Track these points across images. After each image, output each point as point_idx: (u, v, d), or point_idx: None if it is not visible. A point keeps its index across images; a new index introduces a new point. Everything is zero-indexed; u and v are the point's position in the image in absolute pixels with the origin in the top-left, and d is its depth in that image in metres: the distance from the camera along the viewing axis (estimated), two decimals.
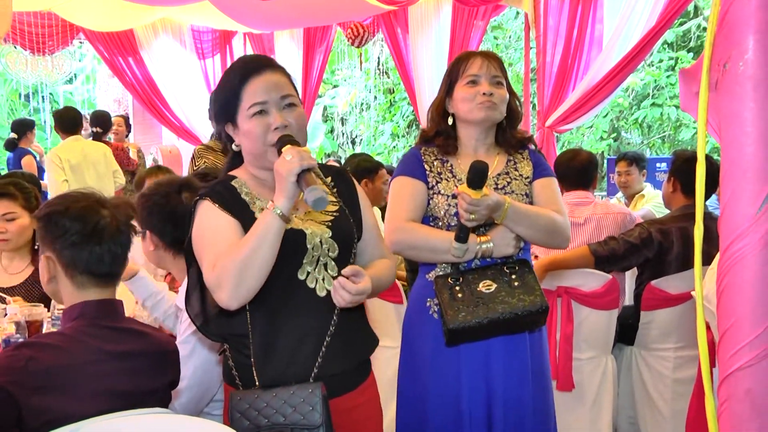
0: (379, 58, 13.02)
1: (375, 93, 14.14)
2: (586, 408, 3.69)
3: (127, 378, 1.88)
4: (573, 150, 4.44)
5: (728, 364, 1.06)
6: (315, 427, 1.76)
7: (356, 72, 13.75)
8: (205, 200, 1.87)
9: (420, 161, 2.46)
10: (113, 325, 1.92)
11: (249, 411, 1.79)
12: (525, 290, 2.27)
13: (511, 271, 2.31)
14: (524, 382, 2.37)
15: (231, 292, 1.74)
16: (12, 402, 1.71)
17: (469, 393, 2.35)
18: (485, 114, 2.38)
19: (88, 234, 1.87)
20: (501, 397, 2.35)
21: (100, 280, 1.92)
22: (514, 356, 2.36)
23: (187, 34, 9.47)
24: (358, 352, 1.98)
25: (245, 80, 1.87)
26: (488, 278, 2.30)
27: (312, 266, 1.88)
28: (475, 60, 2.43)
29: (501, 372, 2.35)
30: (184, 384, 2.26)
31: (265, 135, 1.84)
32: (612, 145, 12.19)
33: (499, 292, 2.27)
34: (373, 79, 13.79)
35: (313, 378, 1.84)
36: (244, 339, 1.87)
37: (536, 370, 2.41)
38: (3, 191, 3.23)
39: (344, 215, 1.96)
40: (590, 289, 3.62)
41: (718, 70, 1.09)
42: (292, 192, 1.72)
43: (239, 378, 1.89)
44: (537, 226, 2.34)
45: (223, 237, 1.81)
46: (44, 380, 1.75)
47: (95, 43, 9.13)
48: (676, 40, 11.60)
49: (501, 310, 2.24)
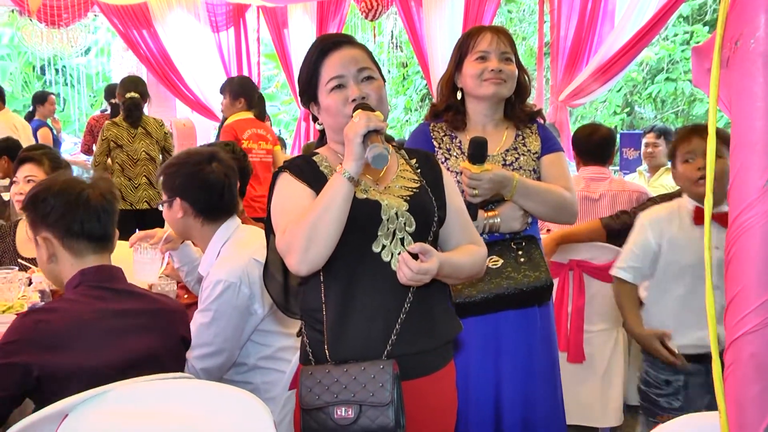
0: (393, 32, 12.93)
1: (388, 67, 14.06)
2: (596, 380, 3.72)
3: (134, 334, 1.98)
4: (592, 125, 4.41)
5: (734, 330, 1.10)
6: (383, 405, 1.69)
7: (370, 45, 13.71)
8: (284, 172, 1.87)
9: (429, 137, 2.46)
10: (113, 287, 2.03)
11: (318, 386, 1.73)
12: (531, 266, 2.29)
13: (518, 246, 2.33)
14: (533, 353, 2.41)
15: (300, 256, 1.71)
16: (23, 369, 1.81)
17: (477, 363, 2.38)
18: (493, 90, 2.39)
19: (74, 202, 1.98)
20: (510, 368, 2.38)
21: (96, 245, 2.03)
22: (523, 329, 2.39)
23: (201, 7, 9.43)
24: (436, 335, 1.89)
25: (323, 56, 1.87)
26: (495, 254, 2.31)
27: (388, 239, 1.83)
28: (485, 35, 2.42)
29: (511, 343, 2.38)
30: (206, 350, 2.34)
31: (344, 108, 1.83)
32: (625, 119, 12.08)
33: (506, 267, 2.29)
34: (386, 53, 13.71)
35: (386, 356, 1.78)
36: (317, 313, 1.84)
37: (544, 341, 2.45)
38: (29, 156, 3.32)
39: (424, 193, 1.92)
40: (602, 263, 3.62)
41: (730, 47, 1.11)
42: (359, 153, 1.70)
43: (312, 354, 1.84)
44: (546, 202, 2.35)
45: (298, 205, 1.79)
46: (54, 339, 1.84)
47: (110, 15, 9.13)
48: (691, 13, 11.41)
49: (506, 285, 2.26)
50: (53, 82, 13.52)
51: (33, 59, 13.93)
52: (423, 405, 1.82)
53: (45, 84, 14.12)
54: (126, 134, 5.87)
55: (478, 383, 2.38)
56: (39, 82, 14.56)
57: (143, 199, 5.89)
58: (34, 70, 14.62)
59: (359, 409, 1.70)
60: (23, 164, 3.29)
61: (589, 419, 3.74)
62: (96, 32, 13.31)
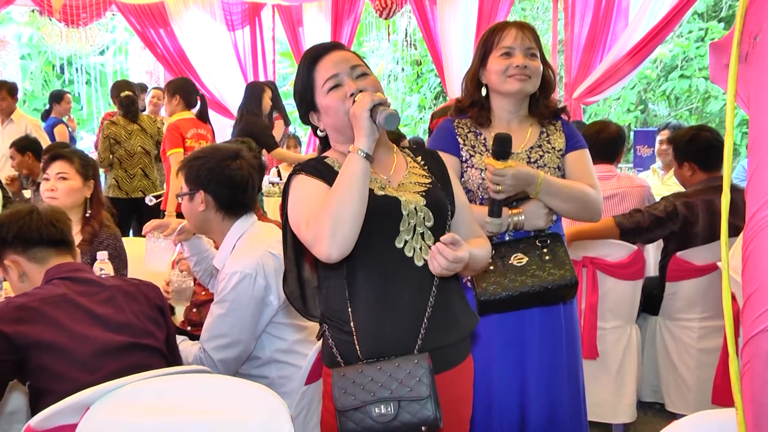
0: (407, 30, 12.94)
1: (402, 65, 14.07)
2: (610, 376, 3.70)
3: (108, 308, 2.12)
4: (602, 122, 4.36)
5: (752, 327, 1.08)
6: (422, 398, 1.70)
7: (384, 43, 13.70)
8: (298, 174, 1.85)
9: (453, 135, 2.42)
10: (77, 276, 2.19)
11: (353, 386, 1.72)
12: (555, 264, 2.26)
13: (543, 244, 2.29)
14: (559, 350, 2.39)
15: (329, 239, 1.67)
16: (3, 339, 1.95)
17: (502, 360, 2.36)
18: (519, 86, 2.34)
19: (26, 216, 2.24)
20: (536, 364, 2.36)
21: (57, 249, 2.26)
22: (549, 326, 2.37)
23: (217, 6, 9.46)
24: (460, 327, 1.90)
25: (315, 63, 1.87)
26: (520, 251, 2.29)
27: (409, 235, 1.82)
28: (510, 31, 2.37)
29: (536, 340, 2.36)
30: (223, 341, 2.35)
31: (343, 104, 1.81)
32: (639, 117, 12.00)
33: (530, 265, 2.26)
34: (400, 51, 13.72)
35: (417, 350, 1.77)
36: (342, 314, 1.82)
37: (569, 338, 2.42)
38: (61, 153, 3.35)
39: (436, 188, 1.92)
40: (615, 260, 3.62)
41: (749, 42, 1.09)
42: (369, 128, 1.70)
43: (341, 356, 1.82)
44: (571, 200, 2.32)
45: (316, 199, 1.77)
46: (22, 313, 2.01)
47: (127, 15, 9.17)
48: (706, 10, 11.31)
49: (531, 283, 2.23)
50: (72, 80, 13.59)
51: (53, 58, 14.00)
52: (447, 398, 1.81)
53: (64, 83, 14.21)
54: (123, 131, 6.34)
55: (502, 381, 2.36)
56: (58, 80, 14.65)
57: (138, 188, 6.34)
58: (54, 69, 14.69)
59: (398, 405, 1.70)
60: (54, 161, 3.30)
61: (602, 416, 3.72)
62: (114, 31, 13.38)
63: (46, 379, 2.00)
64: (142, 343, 2.12)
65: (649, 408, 4.00)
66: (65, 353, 2.00)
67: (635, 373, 3.75)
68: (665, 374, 3.86)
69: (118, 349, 2.06)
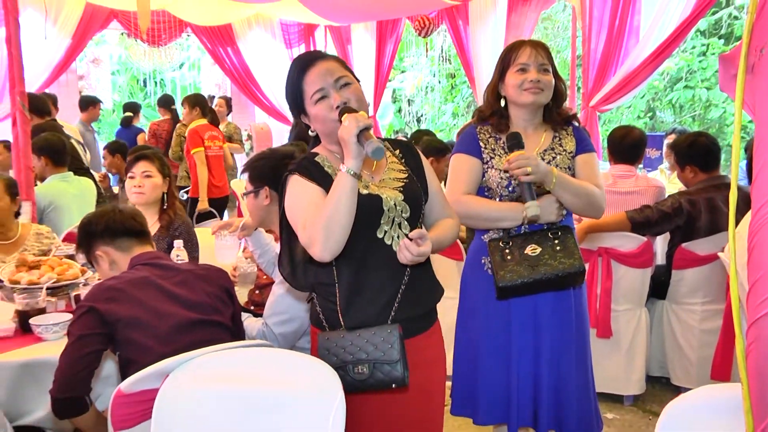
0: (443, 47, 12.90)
1: (438, 77, 14.03)
2: (621, 354, 3.69)
3: (183, 289, 2.15)
4: (626, 127, 4.27)
5: (756, 311, 1.05)
6: (393, 362, 1.79)
7: (422, 59, 13.67)
8: (294, 174, 1.89)
9: (476, 139, 2.42)
10: (156, 262, 2.24)
11: (336, 349, 1.82)
12: (565, 254, 2.24)
13: (554, 236, 2.28)
14: (568, 329, 2.38)
15: (322, 245, 1.75)
16: (96, 314, 2.02)
17: (518, 339, 2.36)
18: (532, 98, 2.34)
19: (110, 213, 2.35)
20: (548, 344, 2.36)
21: (138, 239, 2.33)
22: (560, 308, 2.37)
23: (277, 27, 9.51)
24: (428, 300, 1.99)
25: (303, 73, 1.89)
26: (534, 242, 2.28)
27: (388, 226, 1.88)
28: (525, 49, 2.37)
29: (548, 322, 2.35)
30: (283, 317, 2.37)
31: (330, 114, 1.86)
32: (647, 123, 11.86)
33: (543, 255, 2.25)
34: (437, 65, 13.68)
35: (391, 321, 1.86)
36: (331, 288, 1.89)
37: (578, 318, 2.41)
38: (144, 154, 3.41)
39: (412, 181, 1.96)
40: (627, 250, 3.59)
41: (756, 54, 1.06)
42: (356, 151, 1.73)
43: (326, 321, 1.90)
44: (580, 196, 2.30)
45: (311, 202, 1.82)
46: (111, 293, 2.07)
47: (200, 35, 9.28)
48: (708, 27, 11.16)
49: (544, 271, 2.22)
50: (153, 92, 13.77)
51: (137, 73, 14.21)
52: (419, 359, 1.90)
53: (146, 94, 14.40)
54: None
55: (521, 355, 2.36)
56: (141, 93, 14.86)
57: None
58: (138, 83, 14.92)
59: (372, 366, 1.80)
60: (138, 161, 3.36)
61: (614, 388, 3.70)
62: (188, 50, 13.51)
63: (131, 350, 2.04)
64: (211, 320, 2.14)
65: (656, 381, 3.95)
66: (147, 327, 2.04)
67: (644, 350, 3.73)
68: (671, 352, 3.83)
69: (191, 325, 2.09)
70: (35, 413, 2.25)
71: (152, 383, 1.82)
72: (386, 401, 1.89)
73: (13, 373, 2.21)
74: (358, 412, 1.83)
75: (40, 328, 2.40)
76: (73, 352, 2.00)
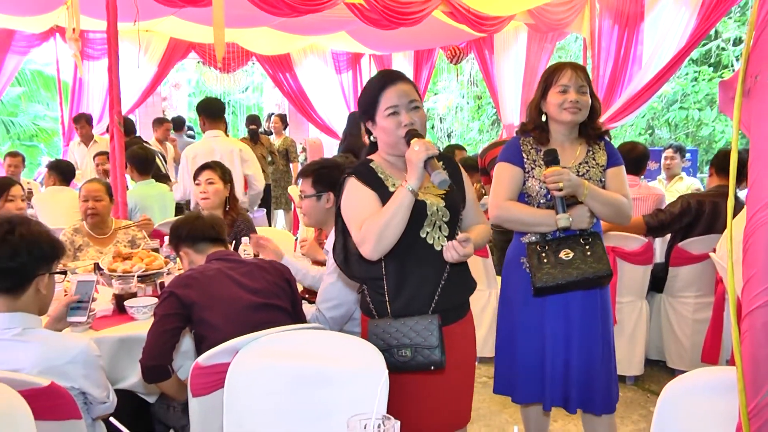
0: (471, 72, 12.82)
1: (467, 99, 13.95)
2: (624, 339, 3.63)
3: (247, 278, 2.18)
4: (632, 143, 4.23)
5: (750, 303, 1.03)
6: (433, 347, 1.78)
7: (453, 83, 13.62)
8: (351, 177, 1.88)
9: (519, 149, 2.34)
10: (227, 257, 2.29)
11: (383, 334, 1.82)
12: (595, 258, 2.18)
13: (585, 242, 2.21)
14: (595, 324, 2.32)
15: (373, 246, 1.76)
16: (176, 298, 2.08)
17: (551, 329, 2.31)
18: (571, 117, 2.27)
19: (193, 220, 2.41)
20: (577, 333, 2.30)
21: (213, 243, 2.37)
22: (588, 306, 2.30)
23: (329, 56, 9.56)
24: (464, 293, 1.98)
25: (383, 88, 1.86)
26: (567, 247, 2.22)
27: (430, 227, 1.87)
28: (566, 71, 2.28)
29: (578, 317, 2.30)
30: (333, 303, 2.36)
31: (397, 129, 1.84)
32: (647, 139, 11.68)
33: (575, 259, 2.19)
34: (465, 88, 13.61)
35: (431, 311, 1.85)
36: (379, 281, 1.88)
37: (603, 314, 2.34)
38: (207, 164, 3.44)
39: (453, 190, 1.94)
40: (631, 249, 3.54)
41: (751, 80, 1.04)
42: (421, 174, 1.73)
43: (375, 310, 1.89)
44: (609, 205, 2.24)
45: (366, 205, 1.82)
46: (188, 280, 2.13)
47: (263, 62, 9.37)
48: (699, 57, 11.04)
49: (575, 274, 2.17)
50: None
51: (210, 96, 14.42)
52: (455, 343, 1.90)
53: None
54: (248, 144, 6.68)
55: (554, 345, 2.31)
56: None
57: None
58: None
59: (414, 350, 1.79)
60: (203, 171, 3.39)
61: (618, 369, 3.54)
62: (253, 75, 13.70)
63: (203, 328, 2.08)
64: (272, 303, 2.17)
65: (654, 364, 3.88)
66: (217, 310, 2.07)
67: (644, 337, 3.67)
68: (667, 338, 3.77)
69: (254, 307, 2.11)
70: (129, 379, 2.32)
71: (225, 358, 1.84)
72: (426, 379, 1.89)
73: (112, 346, 2.28)
74: (400, 389, 1.82)
75: (133, 309, 2.46)
76: (158, 328, 2.06)
